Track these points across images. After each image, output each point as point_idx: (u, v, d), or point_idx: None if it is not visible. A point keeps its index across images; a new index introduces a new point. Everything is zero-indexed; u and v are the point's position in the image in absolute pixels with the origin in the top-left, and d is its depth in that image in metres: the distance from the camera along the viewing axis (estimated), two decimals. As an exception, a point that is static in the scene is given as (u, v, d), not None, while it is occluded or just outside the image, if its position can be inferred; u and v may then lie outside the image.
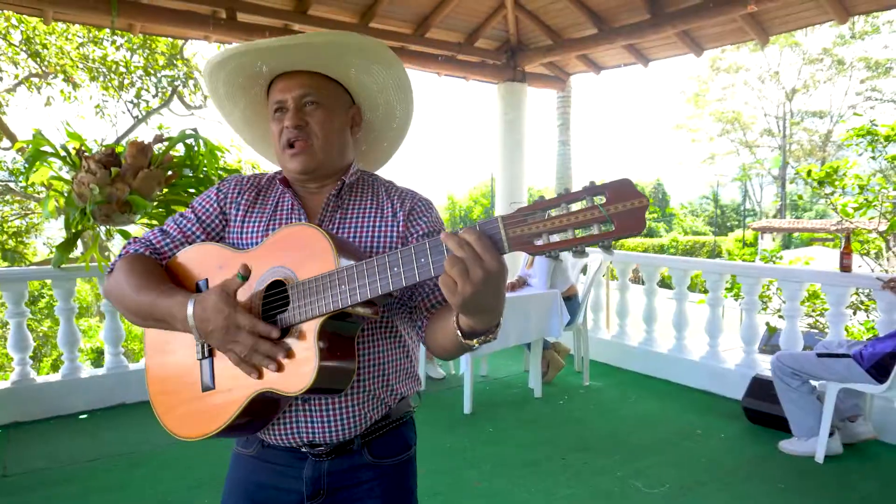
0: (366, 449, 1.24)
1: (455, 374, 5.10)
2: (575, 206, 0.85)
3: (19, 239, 10.52)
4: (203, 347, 1.16)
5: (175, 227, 1.30)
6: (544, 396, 4.57)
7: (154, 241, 1.28)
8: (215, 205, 1.30)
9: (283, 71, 1.25)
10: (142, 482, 3.19)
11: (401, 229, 1.24)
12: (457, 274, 0.88)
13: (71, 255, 4.30)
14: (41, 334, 10.44)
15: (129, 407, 4.29)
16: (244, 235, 1.27)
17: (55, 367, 10.68)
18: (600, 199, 0.84)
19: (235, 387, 1.11)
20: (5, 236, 10.29)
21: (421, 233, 1.24)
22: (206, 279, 1.20)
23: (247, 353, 1.05)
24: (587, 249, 0.88)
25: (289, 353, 1.06)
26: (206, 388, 1.16)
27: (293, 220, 1.25)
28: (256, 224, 1.27)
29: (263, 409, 1.14)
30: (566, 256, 4.49)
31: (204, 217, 1.29)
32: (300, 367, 1.05)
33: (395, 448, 1.29)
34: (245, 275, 1.08)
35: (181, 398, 1.19)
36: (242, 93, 1.32)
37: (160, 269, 1.23)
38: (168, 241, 1.28)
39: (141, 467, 3.34)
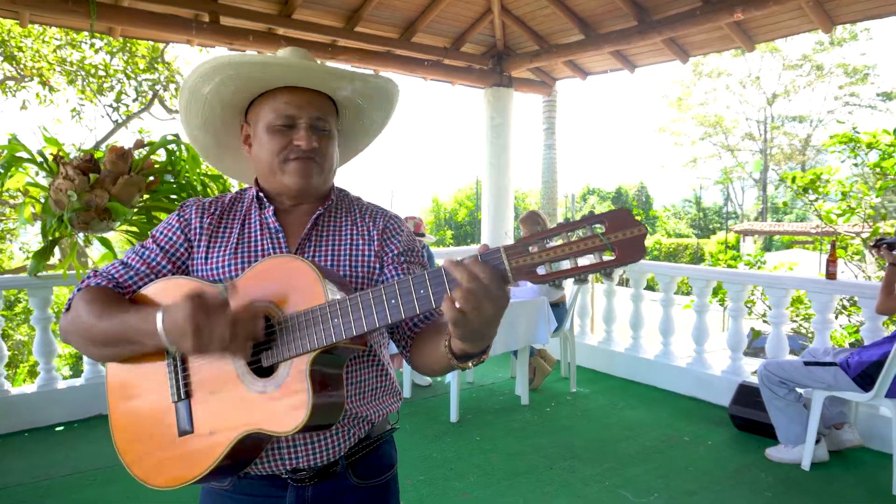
0: (350, 470, 1.21)
1: (441, 381, 5.06)
2: (575, 235, 0.86)
3: (-6, 245, 10.28)
4: (178, 387, 1.10)
5: (137, 258, 1.21)
6: (531, 404, 4.55)
7: (116, 275, 1.19)
8: (178, 232, 1.23)
9: (296, 85, 1.19)
10: (119, 498, 3.10)
11: (376, 248, 1.24)
12: (469, 307, 0.87)
13: (48, 263, 4.19)
14: (17, 341, 10.19)
15: (107, 418, 4.18)
16: (209, 262, 1.20)
17: (32, 374, 10.45)
18: (600, 228, 0.85)
19: (218, 429, 1.05)
20: (-20, 242, 10.06)
21: (396, 252, 1.25)
22: None
23: (228, 335, 0.95)
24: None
25: (277, 392, 1.02)
26: (183, 433, 1.09)
27: (267, 241, 1.21)
28: (222, 249, 1.21)
29: (248, 449, 1.09)
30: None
31: (167, 246, 1.22)
32: (291, 406, 1.00)
33: (379, 468, 1.27)
34: (226, 295, 1.02)
35: (154, 445, 1.11)
36: (231, 95, 1.22)
37: (124, 299, 1.16)
38: (132, 273, 1.19)
39: (117, 483, 3.25)
